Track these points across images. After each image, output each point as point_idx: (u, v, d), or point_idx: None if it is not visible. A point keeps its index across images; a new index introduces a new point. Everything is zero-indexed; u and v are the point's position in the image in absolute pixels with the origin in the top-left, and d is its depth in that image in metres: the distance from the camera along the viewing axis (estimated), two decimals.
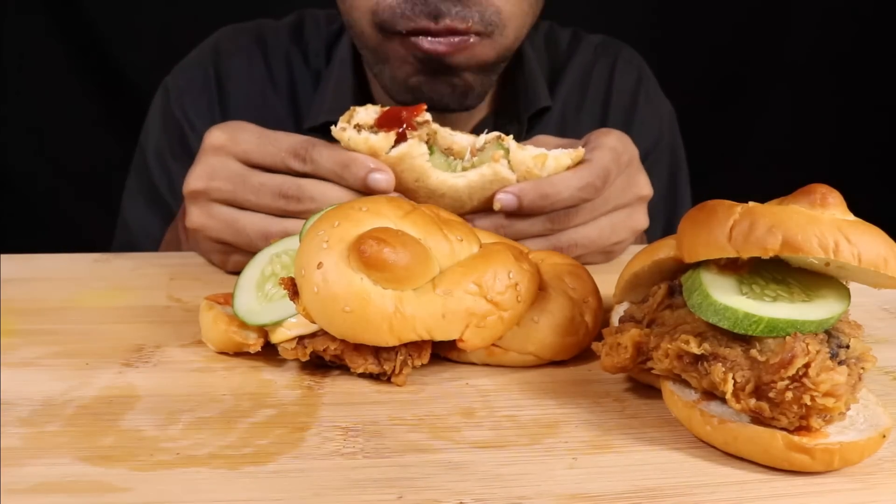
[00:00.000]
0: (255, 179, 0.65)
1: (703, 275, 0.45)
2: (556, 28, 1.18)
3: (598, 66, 1.14)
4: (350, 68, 1.02)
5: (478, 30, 0.82)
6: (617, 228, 0.71)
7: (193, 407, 0.47)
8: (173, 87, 1.09)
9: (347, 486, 0.39)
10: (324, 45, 1.09)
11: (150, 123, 1.10)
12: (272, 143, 0.66)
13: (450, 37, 0.81)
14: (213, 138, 0.67)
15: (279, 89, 1.08)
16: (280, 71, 1.08)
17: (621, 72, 1.15)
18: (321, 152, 0.64)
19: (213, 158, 0.67)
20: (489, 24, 0.82)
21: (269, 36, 1.10)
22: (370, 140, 0.63)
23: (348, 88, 1.01)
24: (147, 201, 1.08)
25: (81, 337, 0.57)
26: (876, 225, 0.43)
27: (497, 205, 0.64)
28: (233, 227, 0.67)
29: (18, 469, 0.40)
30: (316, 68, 1.08)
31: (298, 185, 0.64)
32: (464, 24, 0.80)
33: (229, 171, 0.66)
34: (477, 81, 0.88)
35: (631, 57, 1.17)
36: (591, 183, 0.65)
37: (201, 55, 1.10)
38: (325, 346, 0.50)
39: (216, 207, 0.67)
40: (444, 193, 0.64)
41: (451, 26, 0.80)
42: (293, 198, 0.64)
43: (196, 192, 0.67)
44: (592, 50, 1.15)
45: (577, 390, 0.50)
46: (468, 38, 0.82)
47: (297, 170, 0.65)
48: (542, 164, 0.64)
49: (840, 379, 0.40)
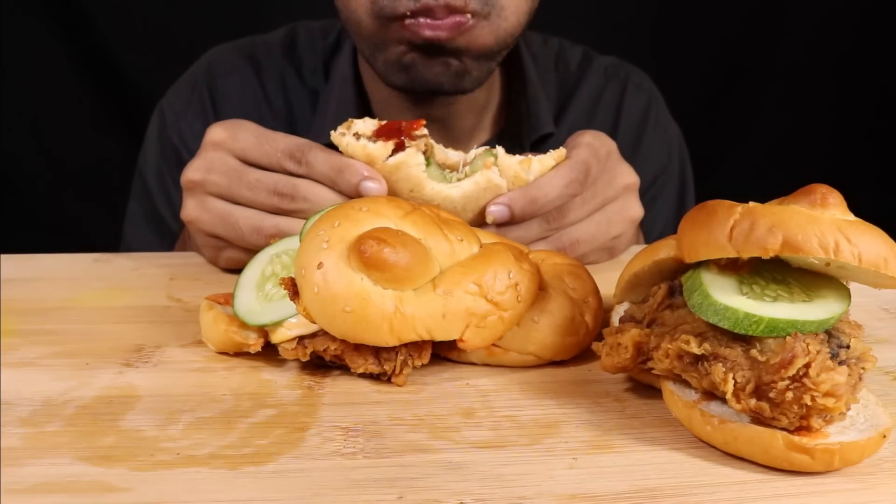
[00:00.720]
0: (251, 176, 0.66)
1: (704, 275, 0.45)
2: (567, 47, 1.17)
3: (608, 89, 1.14)
4: (352, 86, 1.01)
5: (474, 8, 0.81)
6: (613, 221, 0.72)
7: (193, 407, 0.47)
8: (168, 111, 1.09)
9: (347, 486, 0.39)
10: (320, 60, 1.08)
11: (148, 147, 1.10)
12: (269, 143, 0.66)
13: (449, 17, 0.81)
14: (214, 134, 0.68)
15: (274, 108, 1.07)
16: (274, 90, 1.08)
17: (631, 97, 1.14)
18: (317, 155, 0.65)
19: (212, 153, 0.68)
20: (486, 4, 0.82)
21: (262, 54, 1.10)
22: (368, 147, 0.63)
23: (350, 106, 1.01)
24: (150, 226, 1.08)
25: (81, 337, 0.57)
26: (875, 225, 0.43)
27: (489, 218, 0.65)
28: (226, 221, 0.67)
29: (18, 469, 0.40)
30: (312, 86, 1.07)
31: (293, 184, 0.65)
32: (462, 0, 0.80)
33: (226, 166, 0.67)
34: (475, 66, 0.87)
35: (641, 81, 1.17)
36: (575, 178, 0.66)
37: (194, 76, 1.10)
38: (326, 346, 0.50)
39: (211, 200, 0.68)
40: (438, 204, 0.65)
41: (449, 2, 0.80)
42: (287, 196, 0.65)
43: (193, 182, 0.68)
44: (602, 73, 1.15)
45: (577, 390, 0.50)
46: (467, 20, 0.81)
47: (291, 171, 0.66)
48: (528, 167, 0.65)
49: (840, 379, 0.40)
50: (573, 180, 0.66)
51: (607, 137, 0.73)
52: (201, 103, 1.08)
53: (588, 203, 0.70)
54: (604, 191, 0.71)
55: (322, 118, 1.02)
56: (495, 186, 0.65)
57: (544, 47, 1.14)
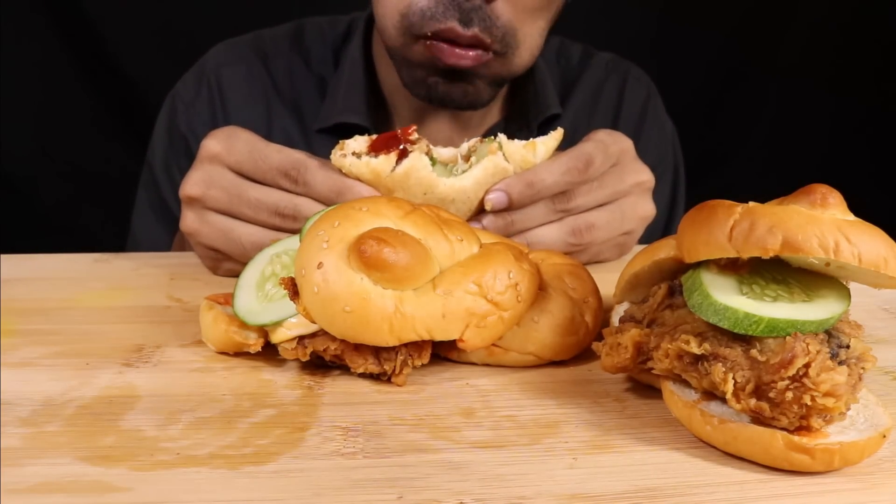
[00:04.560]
0: (251, 194, 0.66)
1: (704, 275, 0.45)
2: (567, 43, 1.19)
3: (609, 82, 1.16)
4: (362, 69, 1.03)
5: (497, 48, 0.85)
6: (628, 216, 0.73)
7: (193, 407, 0.47)
8: (178, 102, 1.10)
9: (347, 486, 0.39)
10: (330, 50, 1.09)
11: (157, 139, 1.11)
12: (263, 161, 0.66)
13: (471, 49, 0.83)
14: (209, 146, 0.68)
15: (282, 96, 1.08)
16: (282, 77, 1.09)
17: (631, 90, 1.17)
18: (314, 175, 0.65)
19: (209, 167, 0.68)
20: (506, 46, 0.85)
21: (269, 46, 1.11)
22: (371, 164, 0.63)
23: (360, 89, 1.02)
24: (157, 216, 1.08)
25: (81, 337, 0.57)
26: (875, 225, 0.43)
27: (488, 205, 0.65)
28: (227, 237, 0.67)
29: (18, 469, 0.40)
30: (319, 73, 1.08)
31: (295, 204, 0.65)
32: (489, 38, 0.83)
33: (226, 182, 0.67)
34: (487, 92, 0.92)
35: (640, 76, 1.20)
36: (573, 166, 0.67)
37: (202, 67, 1.11)
38: (325, 346, 0.50)
39: (211, 215, 0.68)
40: (454, 199, 0.65)
41: (478, 36, 0.82)
42: (289, 217, 0.65)
43: (192, 197, 0.68)
44: (603, 66, 1.17)
45: (577, 390, 0.50)
46: (488, 55, 0.85)
47: (287, 189, 0.66)
48: (534, 150, 0.66)
49: (840, 379, 0.40)
50: (571, 168, 0.67)
51: (623, 136, 0.74)
52: (209, 93, 1.08)
53: (596, 192, 0.70)
54: (613, 183, 0.71)
55: (332, 101, 1.03)
56: (503, 170, 0.65)
57: (546, 43, 1.14)
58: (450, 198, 0.64)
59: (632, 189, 0.73)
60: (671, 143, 1.20)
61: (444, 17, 0.81)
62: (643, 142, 1.12)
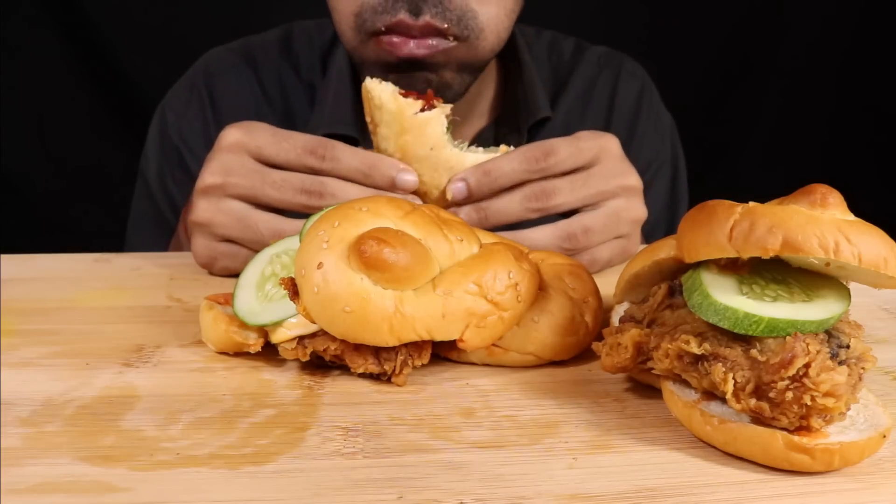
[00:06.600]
0: (275, 175, 0.66)
1: (704, 275, 0.45)
2: (559, 38, 1.17)
3: (602, 77, 1.14)
4: (349, 78, 1.02)
5: (455, 32, 0.82)
6: (622, 218, 0.71)
7: (193, 407, 0.47)
8: (169, 112, 1.09)
9: (347, 486, 0.39)
10: (318, 56, 1.09)
11: (149, 149, 1.10)
12: (287, 140, 0.66)
13: (428, 38, 0.81)
14: (229, 136, 0.67)
15: (273, 104, 1.07)
16: (272, 86, 1.08)
17: (624, 84, 1.14)
18: (343, 151, 0.65)
19: (228, 155, 0.67)
20: (466, 29, 0.83)
21: (258, 53, 1.10)
22: (400, 99, 0.64)
23: (347, 99, 1.00)
24: (153, 227, 1.08)
25: (81, 337, 0.57)
26: (875, 225, 0.43)
27: (449, 195, 0.66)
28: (244, 224, 0.67)
29: (18, 469, 0.40)
30: (308, 80, 1.08)
31: (320, 181, 0.65)
32: (443, 22, 0.81)
33: (247, 168, 0.66)
34: (455, 80, 0.88)
35: (634, 69, 1.17)
36: (532, 155, 0.66)
37: (193, 78, 1.10)
38: (325, 346, 0.50)
39: (229, 202, 0.67)
40: (451, 167, 0.65)
41: (430, 23, 0.80)
42: (315, 193, 0.65)
43: (211, 186, 0.67)
44: (596, 61, 1.15)
45: (577, 390, 0.50)
46: (446, 43, 0.82)
47: (313, 166, 0.65)
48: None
49: (840, 379, 0.40)
50: (529, 157, 0.66)
51: (608, 135, 0.72)
52: (200, 102, 1.08)
53: (578, 190, 0.68)
54: (597, 183, 0.69)
55: (320, 110, 1.02)
56: None
57: (538, 39, 1.14)
58: (448, 164, 0.65)
59: (618, 191, 0.71)
60: (669, 136, 1.18)
61: (394, 9, 0.80)
62: (638, 137, 1.11)
